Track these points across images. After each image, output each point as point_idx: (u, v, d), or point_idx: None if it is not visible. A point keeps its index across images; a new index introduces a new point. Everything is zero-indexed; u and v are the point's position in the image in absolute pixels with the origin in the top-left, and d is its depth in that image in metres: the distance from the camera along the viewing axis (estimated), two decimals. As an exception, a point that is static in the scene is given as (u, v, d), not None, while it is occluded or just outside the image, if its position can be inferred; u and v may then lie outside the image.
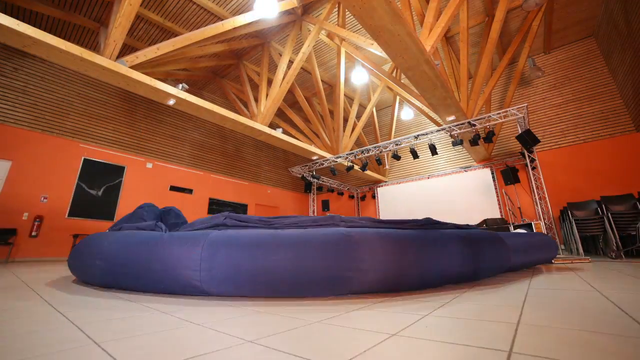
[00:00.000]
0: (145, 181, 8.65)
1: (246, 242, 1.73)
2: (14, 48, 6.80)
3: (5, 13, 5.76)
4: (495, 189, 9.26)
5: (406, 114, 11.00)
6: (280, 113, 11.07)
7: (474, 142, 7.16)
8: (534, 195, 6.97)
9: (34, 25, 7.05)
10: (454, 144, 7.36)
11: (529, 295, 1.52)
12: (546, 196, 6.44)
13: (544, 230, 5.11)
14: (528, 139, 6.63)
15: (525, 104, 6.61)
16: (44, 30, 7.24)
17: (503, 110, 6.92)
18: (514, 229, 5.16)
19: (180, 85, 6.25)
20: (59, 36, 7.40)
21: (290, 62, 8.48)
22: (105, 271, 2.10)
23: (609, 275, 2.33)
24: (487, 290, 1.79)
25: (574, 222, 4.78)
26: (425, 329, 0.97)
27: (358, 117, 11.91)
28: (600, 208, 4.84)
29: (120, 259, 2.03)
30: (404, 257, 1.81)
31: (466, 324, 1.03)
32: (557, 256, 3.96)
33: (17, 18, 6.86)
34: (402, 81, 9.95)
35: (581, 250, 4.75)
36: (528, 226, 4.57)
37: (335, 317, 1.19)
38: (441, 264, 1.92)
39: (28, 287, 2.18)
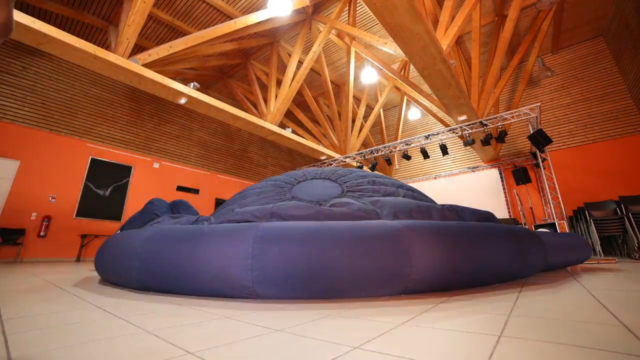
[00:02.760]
0: (152, 181, 8.57)
1: (299, 236, 1.64)
2: (23, 47, 6.73)
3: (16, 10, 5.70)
4: (504, 189, 9.24)
5: (413, 114, 10.98)
6: (287, 113, 11.01)
7: (485, 142, 7.14)
8: (547, 195, 6.95)
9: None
10: (466, 143, 7.33)
11: (598, 296, 1.48)
12: (559, 196, 6.41)
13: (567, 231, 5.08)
14: (540, 139, 6.60)
15: (538, 104, 6.59)
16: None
17: (515, 110, 6.90)
18: (535, 228, 5.13)
19: (192, 84, 6.19)
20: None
21: (300, 62, 8.43)
22: (142, 273, 2.01)
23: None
24: (542, 289, 1.75)
25: (592, 223, 4.76)
26: (528, 329, 0.92)
27: (365, 117, 11.87)
28: (620, 208, 4.82)
29: (159, 258, 1.93)
30: (457, 252, 1.76)
31: (568, 325, 0.98)
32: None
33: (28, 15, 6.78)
34: (411, 79, 9.91)
35: (599, 250, 4.72)
36: (551, 226, 4.54)
37: (415, 318, 1.15)
38: (493, 259, 1.87)
39: (62, 289, 2.12)
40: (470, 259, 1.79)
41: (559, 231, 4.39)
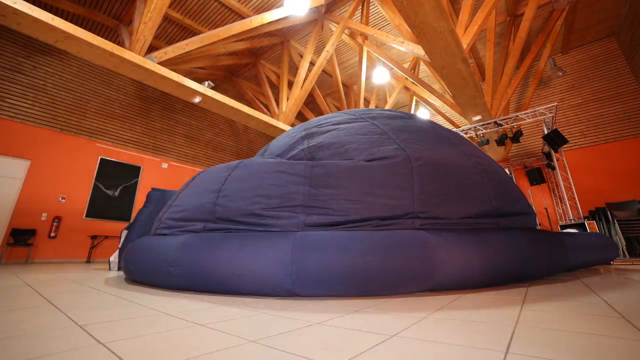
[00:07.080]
0: (160, 181, 8.48)
1: (335, 245, 1.73)
2: (35, 46, 6.64)
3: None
4: (514, 189, 9.18)
5: (422, 115, 10.94)
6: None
7: (500, 142, 7.11)
8: (561, 196, 6.91)
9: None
10: (480, 143, 7.29)
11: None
12: (575, 196, 6.38)
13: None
14: (556, 139, 6.58)
15: (555, 104, 6.56)
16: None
17: (531, 110, 6.86)
18: (561, 228, 5.08)
19: (207, 83, 6.13)
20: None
21: (312, 63, 8.36)
22: (180, 277, 1.98)
23: None
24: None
25: (616, 223, 4.72)
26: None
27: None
28: (644, 208, 4.79)
29: (199, 264, 1.91)
30: (478, 256, 1.84)
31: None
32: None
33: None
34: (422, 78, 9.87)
35: (624, 251, 4.68)
36: (580, 226, 4.49)
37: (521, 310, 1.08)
38: (514, 260, 1.94)
39: (102, 291, 2.03)
40: (489, 261, 1.87)
41: (588, 231, 4.35)
